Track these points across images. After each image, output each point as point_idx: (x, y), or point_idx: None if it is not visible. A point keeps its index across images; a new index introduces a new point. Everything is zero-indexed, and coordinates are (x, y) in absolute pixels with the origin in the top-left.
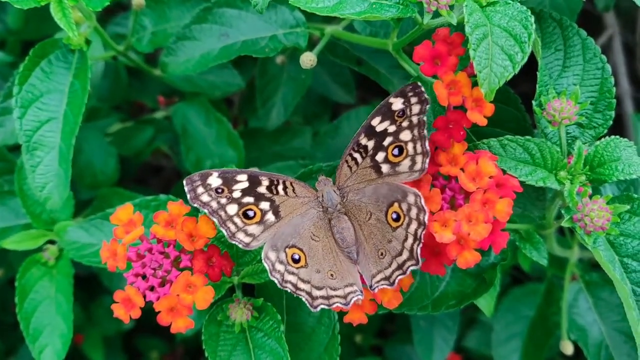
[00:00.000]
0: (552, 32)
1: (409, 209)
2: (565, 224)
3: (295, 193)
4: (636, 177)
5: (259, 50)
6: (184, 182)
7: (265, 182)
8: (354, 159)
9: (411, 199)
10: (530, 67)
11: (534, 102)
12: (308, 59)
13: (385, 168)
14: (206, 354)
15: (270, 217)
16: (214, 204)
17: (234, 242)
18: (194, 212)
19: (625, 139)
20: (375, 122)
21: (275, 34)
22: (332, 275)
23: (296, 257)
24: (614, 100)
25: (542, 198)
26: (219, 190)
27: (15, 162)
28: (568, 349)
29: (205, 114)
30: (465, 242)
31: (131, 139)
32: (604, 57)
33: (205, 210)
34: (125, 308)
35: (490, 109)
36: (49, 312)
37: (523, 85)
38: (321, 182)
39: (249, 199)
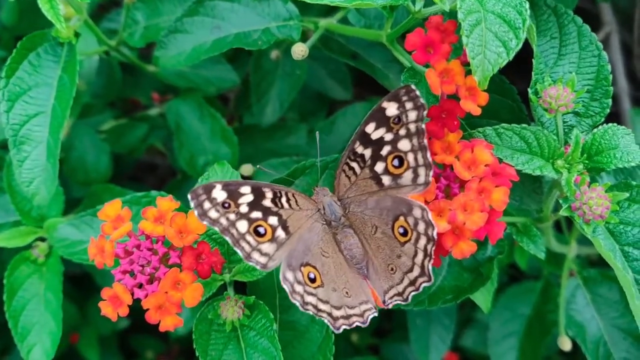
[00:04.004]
0: (547, 20)
1: (416, 224)
2: (563, 212)
3: (298, 206)
4: (635, 165)
5: (251, 43)
6: (189, 196)
7: (269, 195)
8: (352, 168)
9: (417, 212)
10: (526, 63)
11: (529, 90)
12: (299, 50)
13: (386, 180)
14: (197, 353)
15: (280, 233)
16: (224, 221)
17: (251, 263)
18: (184, 208)
19: (623, 127)
20: (369, 128)
21: (268, 27)
22: (347, 292)
23: (312, 276)
24: (611, 88)
25: (539, 191)
26: (226, 205)
27: (4, 158)
28: (566, 345)
29: (199, 110)
30: (460, 232)
31: (125, 136)
32: (600, 44)
33: (217, 229)
34: (112, 306)
35: (484, 98)
36: (38, 310)
37: (518, 84)
38: (318, 192)
39: (257, 214)
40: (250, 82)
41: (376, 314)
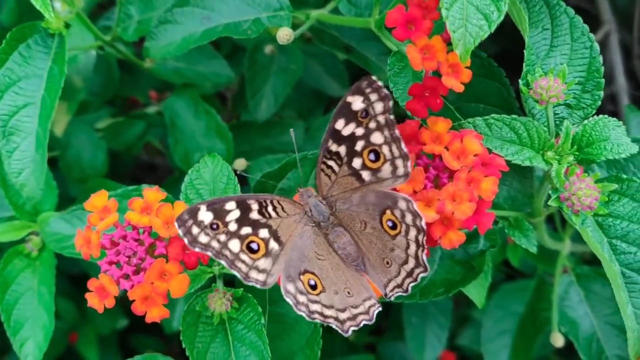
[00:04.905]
0: (539, 11)
1: (403, 216)
2: (552, 203)
3: (285, 212)
4: (627, 159)
5: (241, 32)
6: (176, 224)
7: (255, 206)
8: (330, 167)
9: (402, 204)
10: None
11: (520, 81)
12: (284, 34)
13: (366, 175)
14: (183, 345)
15: (273, 245)
16: (215, 244)
17: (250, 284)
18: (171, 199)
19: (614, 119)
20: (339, 125)
21: (258, 17)
22: (348, 292)
23: (312, 282)
24: (603, 80)
25: (528, 176)
26: (214, 226)
27: None
28: (558, 341)
29: (194, 106)
30: (449, 222)
31: (122, 134)
32: (592, 36)
33: (210, 254)
34: (99, 297)
35: (467, 75)
36: (31, 304)
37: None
38: (302, 194)
39: (247, 230)
40: (245, 79)
41: (380, 309)
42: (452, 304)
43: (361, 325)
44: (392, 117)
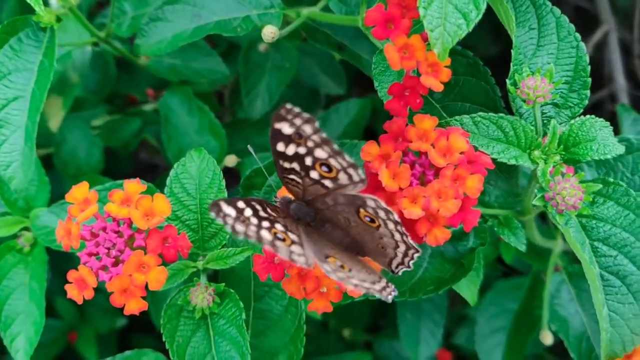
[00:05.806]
0: (525, 11)
1: (376, 213)
2: (536, 202)
3: (279, 213)
4: (616, 158)
5: (230, 30)
6: (212, 214)
7: (258, 206)
8: (292, 179)
9: (371, 203)
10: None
11: (508, 81)
12: (269, 32)
13: (327, 183)
14: (163, 339)
15: (292, 236)
16: (251, 233)
17: (299, 265)
18: (153, 190)
19: (601, 119)
20: (280, 147)
21: (248, 15)
22: (367, 272)
23: (339, 263)
24: (589, 79)
25: (514, 174)
26: (241, 219)
27: None
28: (547, 339)
29: (188, 103)
30: (434, 219)
31: (118, 131)
32: (577, 35)
33: (253, 241)
34: (78, 288)
35: (447, 74)
36: (23, 299)
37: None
38: (281, 202)
39: (266, 224)
40: (240, 77)
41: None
42: (448, 301)
43: (393, 294)
44: (324, 135)
